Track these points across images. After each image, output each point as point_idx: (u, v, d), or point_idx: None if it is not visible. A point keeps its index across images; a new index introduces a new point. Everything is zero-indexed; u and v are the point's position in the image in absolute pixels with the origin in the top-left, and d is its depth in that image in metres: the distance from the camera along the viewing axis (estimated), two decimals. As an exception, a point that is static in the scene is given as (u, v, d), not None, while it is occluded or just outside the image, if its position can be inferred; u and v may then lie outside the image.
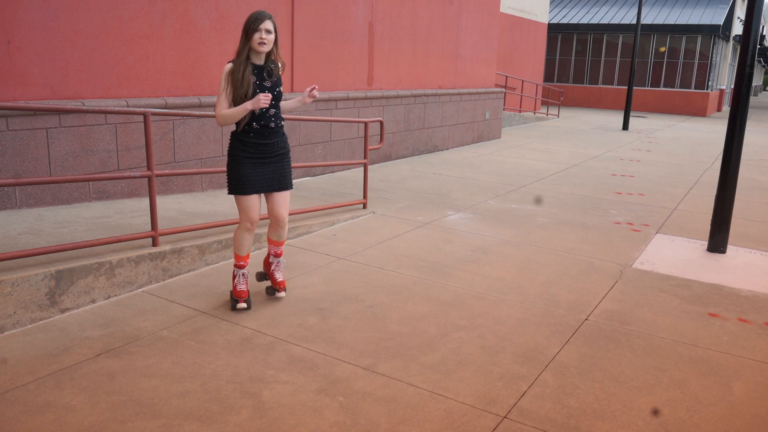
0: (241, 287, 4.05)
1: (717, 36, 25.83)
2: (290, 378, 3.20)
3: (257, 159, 3.84)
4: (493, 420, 2.90)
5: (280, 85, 3.86)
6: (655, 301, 4.46)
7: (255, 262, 4.71)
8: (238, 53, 3.69)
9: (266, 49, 3.69)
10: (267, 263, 4.28)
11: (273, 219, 4.05)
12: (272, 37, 3.69)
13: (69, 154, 5.51)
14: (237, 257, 4.05)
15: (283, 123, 3.94)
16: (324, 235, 5.75)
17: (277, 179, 3.93)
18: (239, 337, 3.64)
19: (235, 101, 3.71)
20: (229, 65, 3.72)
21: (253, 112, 3.75)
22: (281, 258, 4.22)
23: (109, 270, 4.12)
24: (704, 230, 6.43)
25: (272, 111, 3.84)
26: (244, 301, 4.04)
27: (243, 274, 4.08)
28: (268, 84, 3.77)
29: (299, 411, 2.92)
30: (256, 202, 3.93)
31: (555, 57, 28.75)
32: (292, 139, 7.73)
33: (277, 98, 3.83)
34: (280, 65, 3.85)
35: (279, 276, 4.20)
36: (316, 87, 3.95)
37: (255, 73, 3.73)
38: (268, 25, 3.64)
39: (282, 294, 4.18)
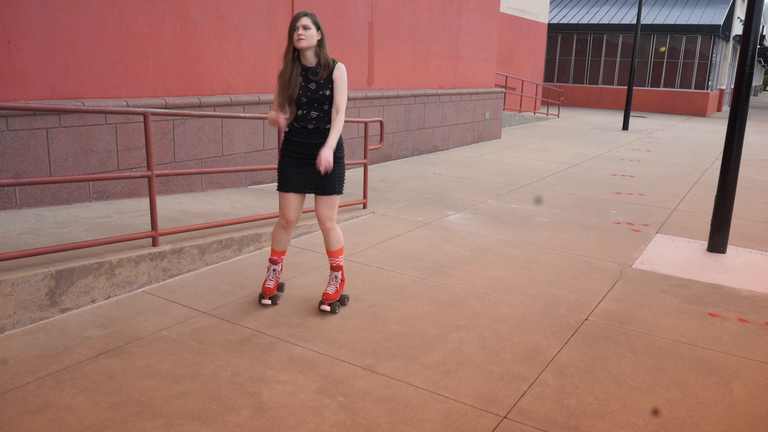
0: (269, 284, 4.13)
1: (717, 36, 25.84)
2: (290, 378, 3.20)
3: (300, 158, 3.87)
4: (493, 420, 2.90)
5: (326, 87, 3.76)
6: (655, 301, 4.46)
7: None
8: (284, 55, 3.77)
9: (304, 44, 3.69)
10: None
11: (318, 221, 4.04)
12: (310, 32, 3.68)
13: (69, 154, 5.51)
14: (271, 251, 4.16)
15: (329, 126, 3.82)
16: (324, 235, 5.74)
17: (317, 182, 3.88)
18: (239, 337, 3.64)
19: (288, 102, 3.79)
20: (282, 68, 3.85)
21: (296, 112, 3.81)
22: (336, 273, 4.10)
23: (109, 270, 4.12)
24: (704, 230, 6.43)
25: (314, 114, 3.80)
26: (270, 298, 4.11)
27: (274, 270, 4.14)
28: (312, 86, 3.77)
29: (299, 411, 2.92)
30: (293, 201, 3.95)
31: (555, 57, 28.75)
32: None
33: (320, 101, 3.77)
34: (323, 66, 3.76)
35: (328, 289, 4.09)
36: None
37: (302, 75, 3.77)
38: (304, 21, 3.68)
39: (325, 308, 4.00)
